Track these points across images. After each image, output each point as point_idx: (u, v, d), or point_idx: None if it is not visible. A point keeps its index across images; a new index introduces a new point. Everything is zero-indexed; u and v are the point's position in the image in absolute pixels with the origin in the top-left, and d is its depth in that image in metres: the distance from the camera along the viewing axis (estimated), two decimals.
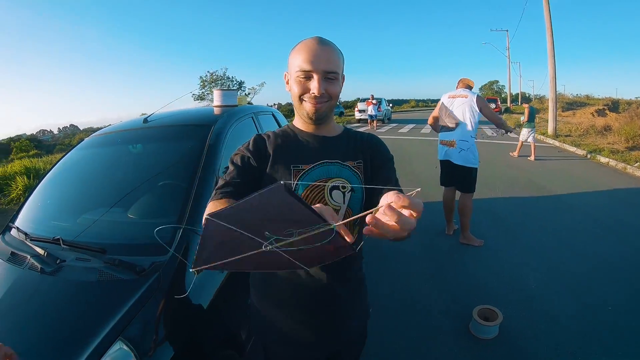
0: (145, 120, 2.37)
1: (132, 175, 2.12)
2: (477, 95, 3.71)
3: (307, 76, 1.02)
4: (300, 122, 1.15)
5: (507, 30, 36.79)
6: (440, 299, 2.93)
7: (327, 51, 1.02)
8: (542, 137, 12.87)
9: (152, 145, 2.27)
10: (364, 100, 22.06)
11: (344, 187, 1.08)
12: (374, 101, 17.76)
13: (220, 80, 26.72)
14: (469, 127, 3.67)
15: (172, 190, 1.83)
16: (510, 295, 2.92)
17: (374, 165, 1.15)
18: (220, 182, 1.04)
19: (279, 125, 3.29)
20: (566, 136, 12.35)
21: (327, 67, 1.01)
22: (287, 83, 1.11)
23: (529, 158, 8.85)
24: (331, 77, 1.03)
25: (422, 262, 3.56)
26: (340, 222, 0.59)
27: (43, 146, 27.03)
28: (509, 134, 4.08)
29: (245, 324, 1.65)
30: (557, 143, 11.32)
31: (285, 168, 1.07)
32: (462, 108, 3.73)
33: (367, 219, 0.57)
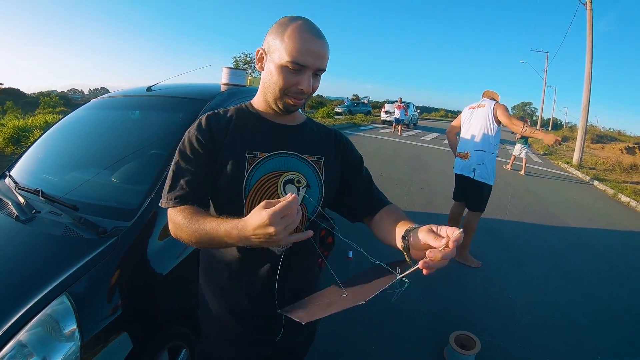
0: (149, 89, 2.37)
1: (126, 141, 2.11)
2: (496, 103, 3.51)
3: (298, 69, 0.92)
4: (263, 105, 1.03)
5: (547, 52, 35.99)
6: (420, 316, 2.80)
7: (324, 46, 0.93)
8: (565, 165, 12.57)
9: (149, 113, 2.27)
10: (392, 102, 21.90)
11: (298, 182, 1.00)
12: (402, 104, 17.31)
13: (254, 62, 26.94)
14: (486, 139, 3.50)
15: (157, 160, 1.81)
16: (496, 324, 2.77)
17: (346, 164, 1.11)
18: (173, 183, 0.95)
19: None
20: (590, 169, 12.00)
21: (321, 64, 0.94)
22: (261, 61, 0.99)
23: (520, 172, 9.51)
24: (319, 73, 0.96)
25: (411, 275, 3.41)
26: (403, 274, 0.82)
27: (71, 104, 27.52)
28: (557, 145, 3.70)
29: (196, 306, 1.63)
30: (580, 174, 11.00)
31: (239, 153, 0.97)
32: (479, 118, 3.57)
33: (420, 264, 0.76)
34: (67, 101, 28.89)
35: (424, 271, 0.75)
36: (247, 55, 26.69)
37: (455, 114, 43.45)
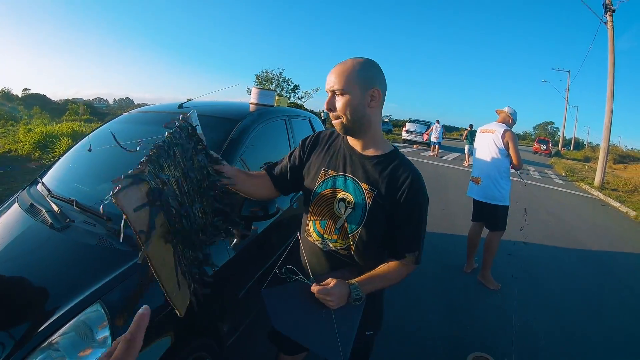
0: (180, 106, 2.44)
1: None
2: (506, 130, 3.53)
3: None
4: None
5: (569, 71, 35.61)
6: (439, 337, 2.78)
7: (338, 70, 1.13)
8: (587, 187, 12.32)
9: None
10: (413, 121, 22.01)
11: (348, 203, 1.20)
12: (439, 126, 16.28)
13: (275, 79, 27.37)
14: (496, 164, 3.54)
15: None
16: (512, 347, 2.71)
17: (399, 208, 1.18)
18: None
19: (314, 132, 3.27)
20: (612, 190, 11.71)
21: (333, 85, 1.13)
22: None
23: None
24: (338, 93, 1.13)
25: (430, 295, 3.40)
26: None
27: (97, 113, 28.18)
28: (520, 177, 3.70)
29: (230, 318, 1.65)
30: (601, 196, 10.76)
31: (319, 167, 1.28)
32: (487, 144, 3.63)
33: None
34: (93, 109, 29.60)
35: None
36: (268, 73, 27.07)
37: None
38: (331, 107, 1.16)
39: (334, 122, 1.19)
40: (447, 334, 2.82)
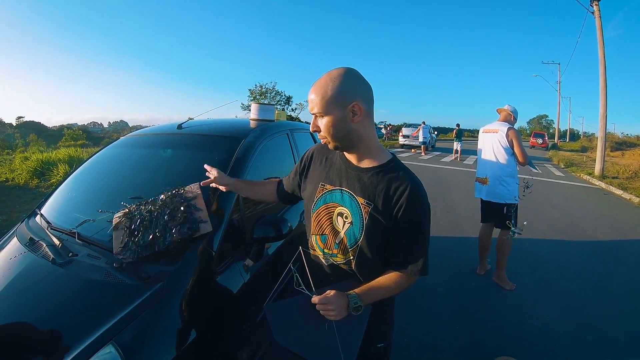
0: (180, 127, 2.36)
1: (159, 180, 2.03)
2: (509, 128, 3.52)
3: None
4: None
5: (558, 64, 35.90)
6: (458, 342, 2.71)
7: (315, 90, 1.11)
8: (588, 177, 12.29)
9: (182, 152, 2.22)
10: (409, 125, 22.15)
11: (346, 217, 1.19)
12: (424, 127, 18.15)
13: (269, 92, 27.48)
14: (502, 164, 3.52)
15: None
16: (535, 348, 2.67)
17: (398, 221, 1.14)
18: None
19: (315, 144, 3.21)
20: (613, 178, 11.69)
21: (313, 108, 1.13)
22: None
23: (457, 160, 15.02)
24: (319, 115, 1.14)
25: (445, 301, 3.32)
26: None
27: (92, 137, 28.25)
28: (529, 184, 3.65)
29: (248, 344, 1.57)
30: (603, 185, 10.74)
31: (317, 181, 1.29)
32: (492, 144, 3.61)
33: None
34: (88, 134, 29.67)
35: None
36: (262, 87, 27.15)
37: (472, 132, 42.78)
38: (316, 129, 1.16)
39: (323, 142, 1.20)
40: (467, 341, 2.74)
